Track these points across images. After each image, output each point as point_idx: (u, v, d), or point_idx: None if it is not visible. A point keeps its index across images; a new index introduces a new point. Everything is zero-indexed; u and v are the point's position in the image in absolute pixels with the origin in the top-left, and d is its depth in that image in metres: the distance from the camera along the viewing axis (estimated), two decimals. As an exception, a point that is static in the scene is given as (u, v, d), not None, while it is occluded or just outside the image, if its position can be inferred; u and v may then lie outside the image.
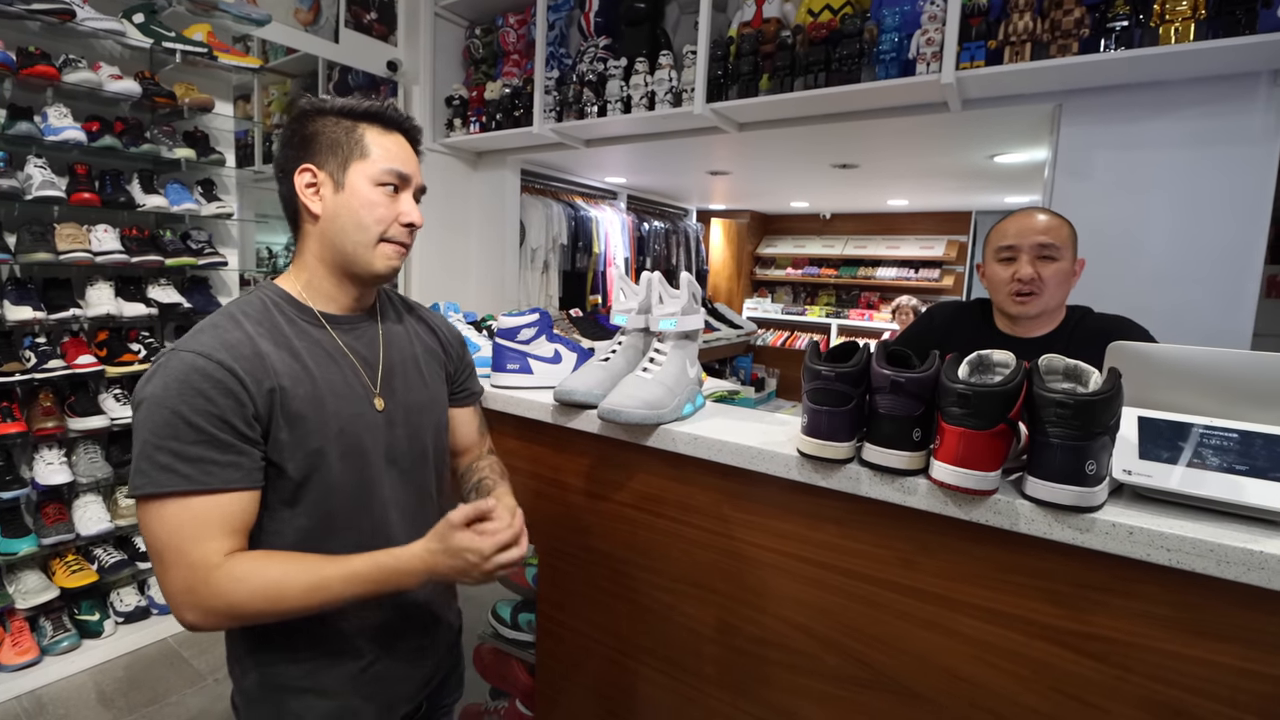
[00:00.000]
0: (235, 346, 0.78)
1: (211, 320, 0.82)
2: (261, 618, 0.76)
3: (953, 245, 5.55)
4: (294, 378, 0.81)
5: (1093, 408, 0.67)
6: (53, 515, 2.08)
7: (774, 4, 2.20)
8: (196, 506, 0.74)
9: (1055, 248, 1.30)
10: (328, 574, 0.77)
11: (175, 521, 0.73)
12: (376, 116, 0.88)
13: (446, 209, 3.28)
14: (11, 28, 1.92)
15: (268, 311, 0.85)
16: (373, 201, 0.86)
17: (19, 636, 2.02)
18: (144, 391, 0.75)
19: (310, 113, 0.87)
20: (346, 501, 0.85)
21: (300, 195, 0.86)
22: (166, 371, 0.75)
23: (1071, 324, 1.35)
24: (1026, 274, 1.31)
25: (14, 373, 1.92)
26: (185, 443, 0.73)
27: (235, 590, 0.74)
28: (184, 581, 0.73)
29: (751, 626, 0.99)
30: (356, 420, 0.86)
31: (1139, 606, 0.70)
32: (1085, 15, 1.70)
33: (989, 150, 2.86)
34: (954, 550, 0.80)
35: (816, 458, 0.84)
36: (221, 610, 0.74)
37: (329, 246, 0.87)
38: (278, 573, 0.76)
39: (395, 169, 0.87)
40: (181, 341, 0.78)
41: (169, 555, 0.73)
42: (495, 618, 1.46)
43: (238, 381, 0.76)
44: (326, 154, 0.86)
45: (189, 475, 0.73)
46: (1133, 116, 1.80)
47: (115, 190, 2.12)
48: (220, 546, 0.74)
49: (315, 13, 2.77)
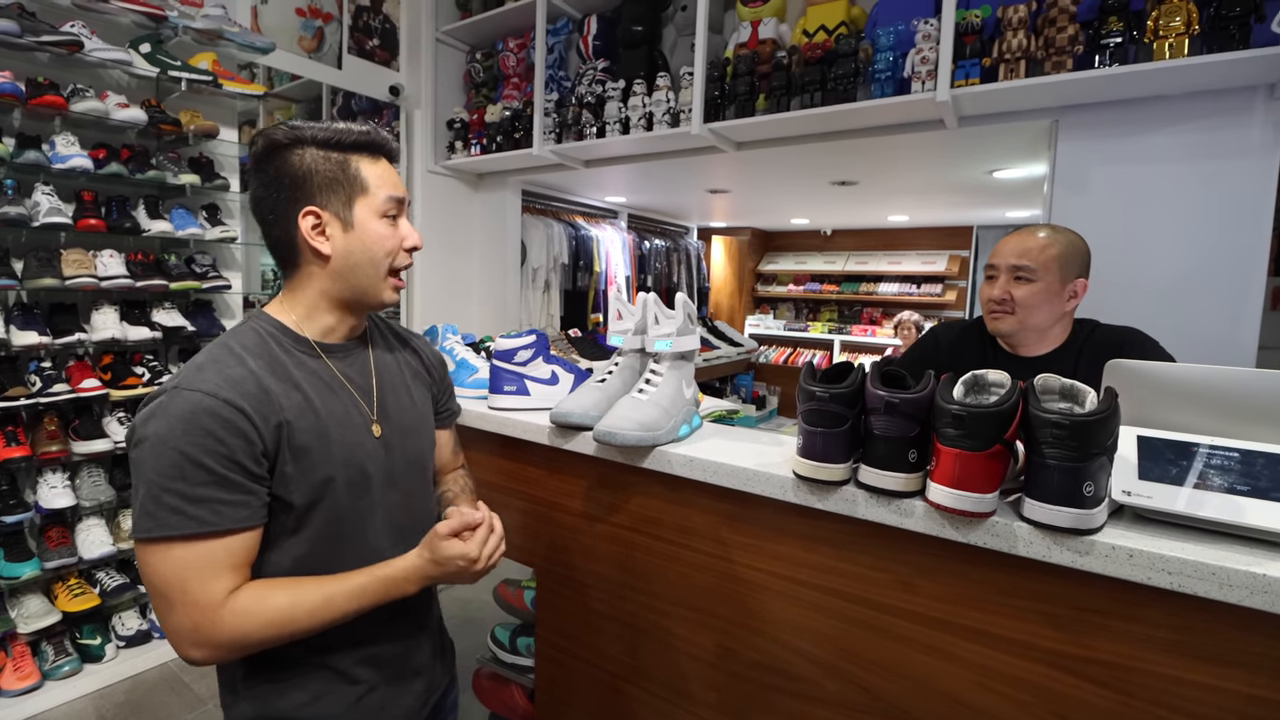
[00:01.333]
0: (240, 384, 0.77)
1: (210, 356, 0.80)
2: (269, 645, 0.77)
3: (955, 260, 5.55)
4: (298, 411, 0.81)
5: (1089, 428, 0.67)
6: (56, 539, 2.08)
7: (769, 25, 2.23)
8: (203, 548, 0.73)
9: (1031, 269, 1.30)
10: (331, 592, 0.79)
11: (180, 563, 0.72)
12: (364, 146, 0.86)
13: (448, 230, 3.30)
14: (21, 59, 1.96)
15: (265, 344, 0.84)
16: (381, 235, 0.86)
17: (20, 661, 2.01)
18: (146, 430, 0.73)
19: (287, 145, 0.83)
20: (347, 528, 0.86)
21: (306, 238, 0.83)
22: (170, 411, 0.73)
23: (1080, 339, 1.35)
24: (995, 294, 1.34)
25: (19, 397, 1.93)
26: (193, 484, 0.72)
27: (244, 624, 0.74)
28: (190, 621, 0.73)
29: (751, 651, 0.98)
30: (359, 449, 0.87)
31: (1140, 630, 0.69)
32: (1079, 32, 1.71)
33: (987, 166, 2.87)
34: (952, 573, 0.79)
35: (812, 479, 0.83)
36: (230, 644, 0.74)
37: (340, 284, 0.87)
38: (285, 600, 0.76)
39: (393, 196, 0.87)
40: (183, 379, 0.76)
41: (174, 595, 0.72)
42: (494, 641, 1.44)
43: (246, 420, 0.75)
44: (327, 193, 0.83)
45: (198, 517, 0.72)
46: (1130, 131, 1.81)
47: (121, 216, 2.15)
48: (226, 584, 0.74)
49: (319, 40, 2.82)
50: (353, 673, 0.88)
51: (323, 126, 0.84)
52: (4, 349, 1.96)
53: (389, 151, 0.90)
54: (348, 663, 0.88)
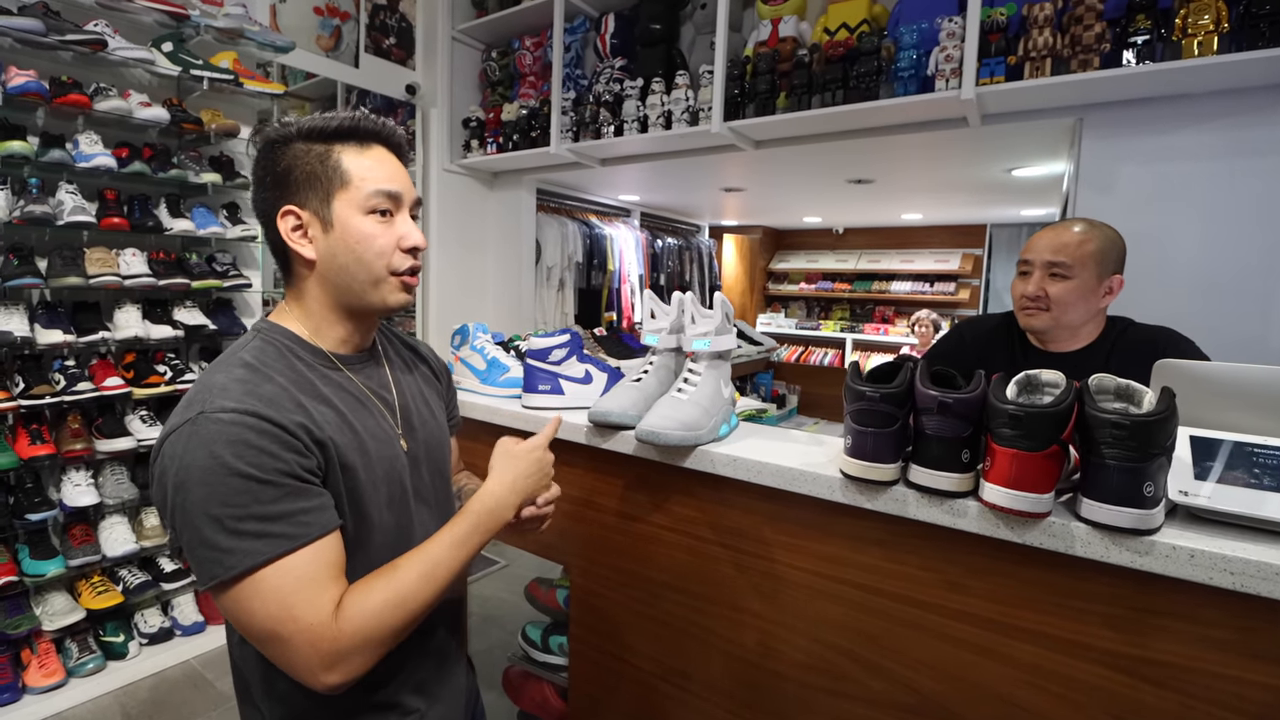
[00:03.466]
0: (276, 401, 0.71)
1: (230, 376, 0.72)
2: (398, 631, 0.71)
3: (968, 259, 5.53)
4: (336, 428, 0.76)
5: (1149, 428, 0.66)
6: (80, 536, 2.10)
7: (790, 24, 2.23)
8: (298, 564, 0.66)
9: (1067, 265, 1.29)
10: (431, 552, 0.75)
11: (278, 591, 0.65)
12: (349, 133, 0.77)
13: (463, 229, 3.31)
14: (46, 58, 1.96)
15: (286, 359, 0.78)
16: (367, 234, 0.77)
17: (45, 659, 2.02)
18: (185, 467, 0.65)
19: (276, 142, 0.77)
20: (388, 546, 0.80)
21: (288, 240, 0.77)
22: (207, 439, 0.65)
23: (1112, 336, 1.34)
24: (1030, 291, 1.32)
25: (44, 395, 1.94)
26: (267, 503, 0.65)
27: (362, 623, 0.67)
28: (311, 648, 0.65)
29: (793, 651, 0.98)
30: (394, 463, 0.82)
31: (1199, 630, 0.68)
32: (1105, 30, 1.70)
33: (1007, 164, 2.86)
34: (1004, 574, 0.79)
35: (861, 479, 0.83)
36: (359, 650, 0.67)
37: (332, 290, 0.79)
38: (385, 580, 0.71)
39: (382, 189, 0.77)
40: (208, 404, 0.68)
41: (285, 628, 0.65)
42: (525, 640, 1.45)
43: (290, 435, 0.69)
44: (305, 190, 0.76)
45: (285, 534, 0.66)
46: (1157, 129, 1.80)
47: (143, 215, 2.16)
48: (332, 595, 0.67)
49: (336, 39, 2.83)
50: (405, 703, 0.84)
51: (310, 117, 0.77)
52: (29, 347, 1.97)
53: (383, 137, 0.80)
54: (399, 694, 0.83)
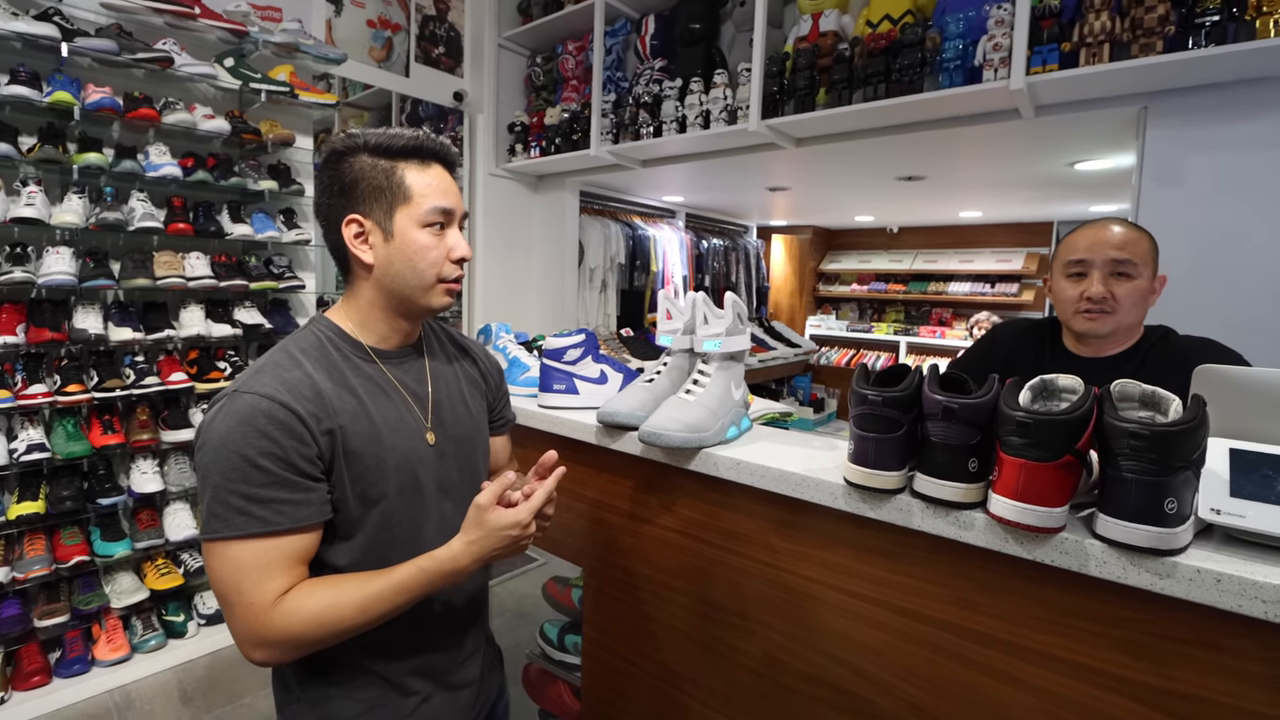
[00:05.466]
0: (296, 387, 0.78)
1: (271, 359, 0.81)
2: (323, 642, 0.77)
3: (1032, 258, 5.26)
4: (352, 415, 0.82)
5: (1171, 439, 0.61)
6: (145, 521, 2.24)
7: (831, 18, 2.17)
8: (261, 547, 0.74)
9: (1132, 264, 1.19)
10: (377, 586, 0.77)
11: (236, 564, 0.74)
12: (413, 151, 0.85)
13: (509, 231, 3.37)
14: (119, 75, 2.11)
15: (323, 348, 0.85)
16: (423, 245, 0.84)
17: (113, 634, 2.17)
18: (209, 433, 0.75)
19: (343, 153, 0.84)
20: (401, 535, 0.86)
21: (350, 246, 0.85)
22: (230, 414, 0.75)
23: (1147, 345, 1.24)
24: (1097, 292, 1.20)
25: (115, 389, 2.09)
26: (255, 485, 0.73)
27: (291, 622, 0.74)
28: (245, 622, 0.74)
29: (799, 663, 0.95)
30: (411, 455, 0.87)
31: (1230, 662, 0.62)
32: (1170, 12, 1.59)
33: (1068, 157, 2.70)
34: (1017, 591, 0.74)
35: (864, 487, 0.80)
36: (281, 642, 0.74)
37: (385, 293, 0.87)
38: (328, 596, 0.76)
39: (439, 206, 0.85)
40: (242, 382, 0.78)
41: (231, 596, 0.74)
42: (543, 638, 1.46)
43: (300, 422, 0.76)
44: (370, 202, 0.84)
45: (263, 517, 0.74)
46: (1229, 117, 1.66)
47: (207, 220, 2.30)
48: (279, 585, 0.75)
49: (388, 50, 2.93)
50: (406, 683, 0.88)
51: (377, 132, 0.84)
52: (103, 344, 2.12)
53: (442, 156, 0.88)
54: (401, 672, 0.88)
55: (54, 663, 2.08)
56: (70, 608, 2.07)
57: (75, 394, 2.00)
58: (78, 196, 2.05)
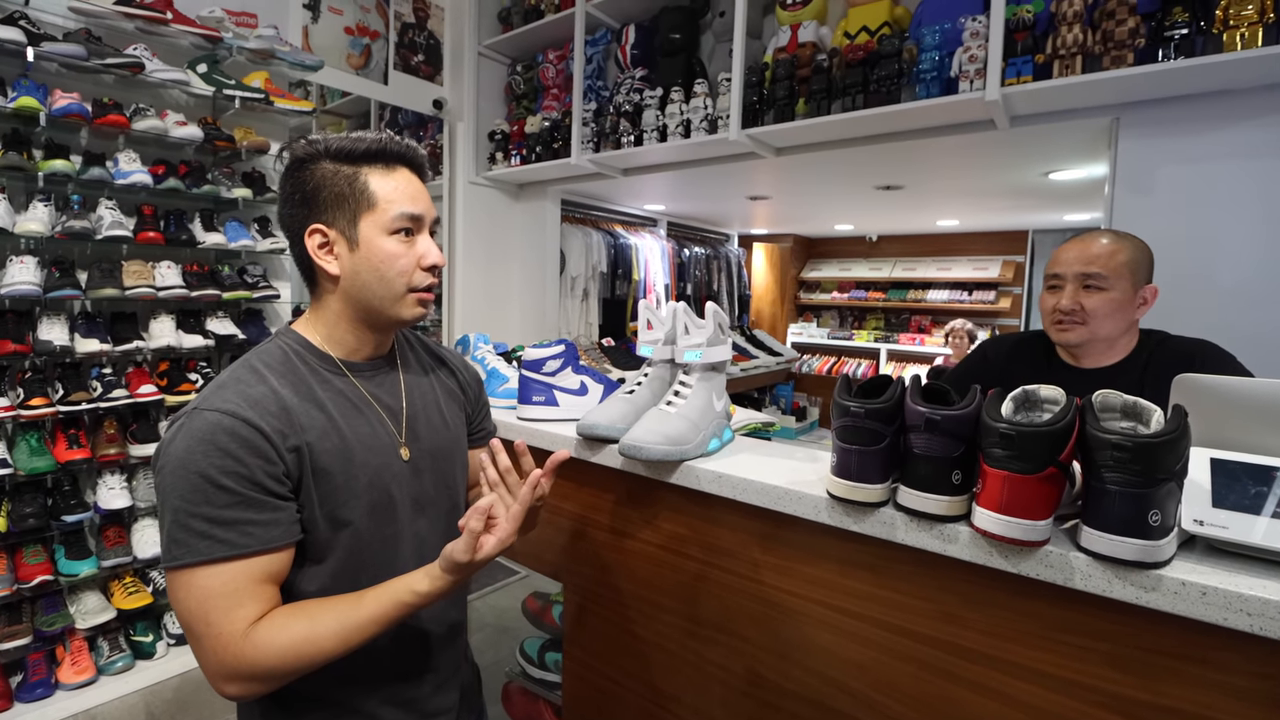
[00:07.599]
0: (260, 403, 0.74)
1: (234, 374, 0.77)
2: (300, 674, 0.73)
3: (1009, 266, 5.34)
4: (321, 432, 0.78)
5: (1154, 450, 0.60)
6: (113, 538, 2.17)
7: (809, 29, 2.18)
8: (229, 572, 0.70)
9: (1102, 277, 1.22)
10: (353, 619, 0.73)
11: (203, 592, 0.69)
12: (377, 155, 0.81)
13: (489, 239, 3.34)
14: (88, 81, 2.06)
15: (289, 361, 0.81)
16: (391, 253, 0.80)
17: (78, 656, 2.09)
18: (167, 454, 0.71)
19: (304, 160, 0.80)
20: (374, 553, 0.82)
21: (314, 257, 0.81)
22: (189, 432, 0.71)
23: (1146, 351, 1.26)
24: (1064, 305, 1.25)
25: (81, 401, 2.02)
26: (218, 506, 0.69)
27: (265, 654, 0.69)
28: (215, 655, 0.69)
29: (783, 680, 0.93)
30: (384, 471, 0.83)
31: (1217, 676, 0.62)
32: (1140, 25, 1.61)
33: (1042, 167, 2.74)
34: (1002, 605, 0.73)
35: (847, 500, 0.79)
36: (254, 676, 0.70)
37: (352, 304, 0.83)
38: (303, 628, 0.72)
39: (406, 212, 0.81)
40: (203, 399, 0.73)
41: (198, 627, 0.69)
42: (523, 656, 1.43)
43: (264, 439, 0.72)
44: (333, 210, 0.80)
45: (229, 540, 0.69)
46: (1198, 128, 1.69)
47: (178, 229, 2.24)
48: (250, 612, 0.70)
49: (366, 57, 2.90)
50: (378, 714, 0.84)
51: (339, 136, 0.80)
52: (69, 356, 2.05)
53: (408, 159, 0.84)
54: (372, 703, 0.84)
55: (15, 687, 1.99)
56: (33, 629, 1.99)
57: (39, 407, 1.93)
58: (43, 204, 1.99)
